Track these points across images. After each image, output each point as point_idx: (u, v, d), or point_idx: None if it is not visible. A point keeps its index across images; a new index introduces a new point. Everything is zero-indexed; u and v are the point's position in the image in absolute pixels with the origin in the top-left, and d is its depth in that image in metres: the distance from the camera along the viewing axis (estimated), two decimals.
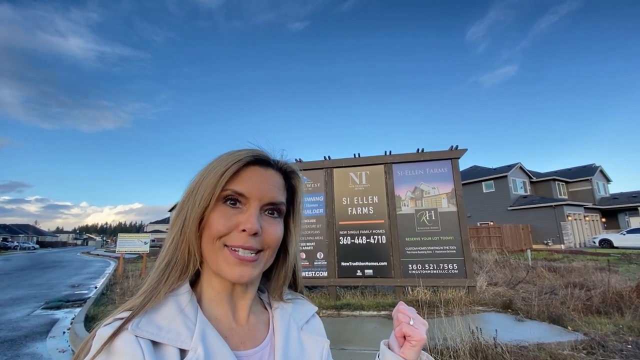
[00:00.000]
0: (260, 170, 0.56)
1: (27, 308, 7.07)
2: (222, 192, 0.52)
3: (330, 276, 6.66)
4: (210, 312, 0.54)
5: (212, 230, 0.51)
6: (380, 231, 6.67)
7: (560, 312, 4.58)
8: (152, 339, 0.45)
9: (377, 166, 6.99)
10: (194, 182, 0.56)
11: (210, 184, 0.52)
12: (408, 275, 6.31)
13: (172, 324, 0.47)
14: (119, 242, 12.52)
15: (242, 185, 0.53)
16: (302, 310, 0.64)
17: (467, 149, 6.62)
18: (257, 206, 0.53)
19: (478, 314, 4.99)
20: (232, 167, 0.53)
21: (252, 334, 0.56)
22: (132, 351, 0.42)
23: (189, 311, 0.50)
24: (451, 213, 6.41)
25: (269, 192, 0.55)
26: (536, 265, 9.53)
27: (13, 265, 19.18)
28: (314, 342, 0.60)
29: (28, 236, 64.99)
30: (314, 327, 0.64)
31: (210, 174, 0.53)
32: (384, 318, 5.15)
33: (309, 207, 7.22)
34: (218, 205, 0.53)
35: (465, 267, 6.11)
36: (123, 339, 0.43)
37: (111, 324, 0.45)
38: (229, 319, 0.55)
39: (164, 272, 0.52)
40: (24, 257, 29.28)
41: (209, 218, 0.52)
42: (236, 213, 0.53)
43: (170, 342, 0.45)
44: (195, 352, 0.45)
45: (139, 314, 0.46)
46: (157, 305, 0.49)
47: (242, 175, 0.54)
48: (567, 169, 33.39)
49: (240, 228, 0.51)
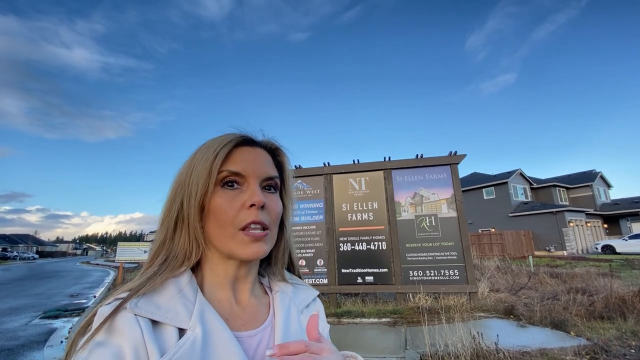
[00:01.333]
0: (249, 150, 0.57)
1: (25, 317, 7.02)
2: (218, 175, 0.52)
3: (330, 283, 6.61)
4: (211, 295, 0.54)
5: (221, 215, 0.51)
6: (380, 237, 6.64)
7: (563, 318, 4.53)
8: (151, 318, 0.45)
9: (377, 172, 7.00)
10: (183, 173, 0.55)
11: (204, 171, 0.52)
12: (409, 282, 6.26)
13: (170, 304, 0.47)
14: (118, 251, 12.46)
15: (237, 165, 0.54)
16: (303, 294, 0.65)
17: (466, 155, 6.64)
18: (257, 182, 0.54)
19: (479, 320, 4.94)
20: (223, 150, 0.53)
21: (253, 316, 0.56)
22: (132, 329, 0.43)
23: (188, 292, 0.50)
24: (451, 219, 6.40)
25: (263, 168, 0.56)
26: (538, 271, 9.46)
27: (12, 275, 19.06)
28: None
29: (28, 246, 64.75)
30: (315, 311, 0.64)
31: (201, 162, 0.53)
32: (385, 325, 5.09)
33: (309, 213, 7.21)
34: (217, 190, 0.53)
35: (467, 273, 6.07)
36: (122, 317, 0.44)
37: (111, 303, 0.46)
38: (230, 302, 0.55)
39: (161, 266, 0.52)
40: (23, 267, 29.13)
41: (212, 204, 0.52)
42: (238, 193, 0.53)
43: (168, 321, 0.45)
44: (193, 331, 0.45)
45: (138, 293, 0.47)
46: (158, 286, 0.49)
47: (234, 156, 0.55)
48: (568, 175, 33.38)
49: (247, 204, 0.52)
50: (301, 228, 7.18)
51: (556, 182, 29.61)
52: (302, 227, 7.18)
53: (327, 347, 0.48)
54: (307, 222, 7.19)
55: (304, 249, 7.03)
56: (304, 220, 7.23)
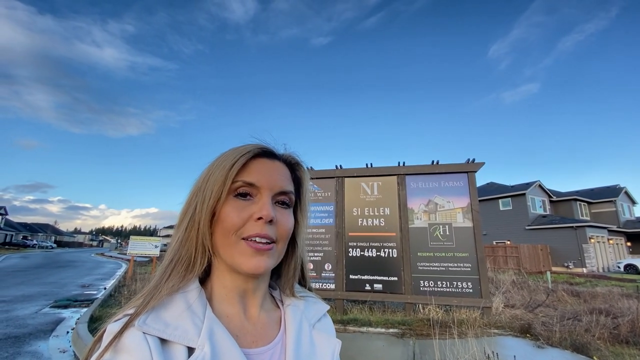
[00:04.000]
0: (267, 162, 0.56)
1: (35, 305, 7.14)
2: (232, 184, 0.52)
3: (337, 289, 6.46)
4: (221, 310, 0.52)
5: (227, 223, 0.51)
6: (391, 244, 6.45)
7: (585, 340, 4.24)
8: (159, 336, 0.44)
9: (390, 177, 6.82)
10: (201, 179, 0.55)
11: (220, 178, 0.51)
12: (419, 292, 6.04)
13: (179, 321, 0.46)
14: (130, 244, 12.63)
15: (252, 176, 0.53)
16: (314, 308, 0.63)
17: (484, 163, 6.39)
18: (269, 195, 0.53)
19: (494, 337, 4.68)
20: (241, 160, 0.53)
21: (263, 332, 0.55)
22: (140, 348, 0.41)
23: (197, 308, 0.49)
24: (466, 229, 6.15)
25: (278, 182, 0.55)
26: (557, 288, 9.02)
27: (29, 263, 19.67)
28: (326, 342, 0.58)
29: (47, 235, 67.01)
30: (326, 327, 0.63)
31: (218, 169, 0.53)
32: (392, 336, 4.90)
33: (319, 216, 7.09)
34: (229, 199, 0.52)
35: (481, 287, 5.81)
36: (131, 335, 0.42)
37: (120, 320, 0.45)
38: (240, 317, 0.54)
39: (165, 270, 0.51)
40: (40, 255, 30.09)
41: (222, 212, 0.51)
42: (249, 204, 0.52)
43: (177, 340, 0.44)
44: (202, 350, 0.44)
45: (143, 311, 0.45)
46: (167, 301, 0.48)
47: (251, 167, 0.54)
48: (590, 190, 32.12)
49: (255, 217, 0.51)
50: (310, 231, 7.05)
51: (577, 196, 28.52)
52: (311, 230, 7.06)
53: None
54: (316, 224, 7.06)
55: (312, 252, 6.90)
56: (313, 223, 7.11)
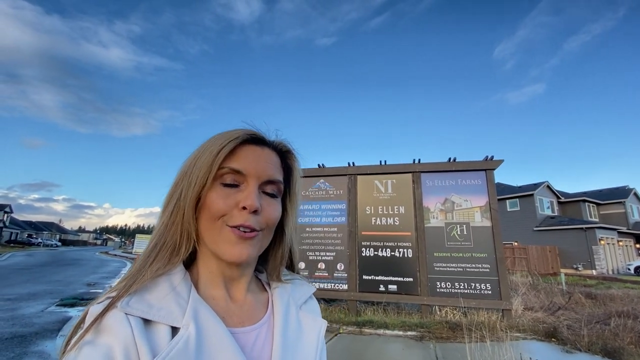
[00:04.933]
0: (256, 149, 0.54)
1: (42, 304, 7.02)
2: (218, 170, 0.50)
3: (350, 289, 6.27)
4: (207, 293, 0.52)
5: (212, 209, 0.50)
6: (406, 244, 6.25)
7: (617, 345, 4.02)
8: (143, 317, 0.43)
9: (405, 175, 6.62)
10: (187, 163, 0.54)
11: (206, 163, 0.50)
12: (436, 294, 5.84)
13: (163, 302, 0.45)
14: (136, 243, 12.56)
15: (239, 162, 0.51)
16: (301, 290, 0.63)
17: (503, 160, 6.18)
18: (256, 184, 0.52)
19: (518, 342, 4.48)
20: (228, 145, 0.51)
21: (250, 313, 0.55)
22: (121, 328, 0.41)
23: (182, 289, 0.48)
24: (485, 228, 5.94)
25: (266, 170, 0.53)
26: (573, 290, 8.78)
27: (35, 261, 19.66)
28: (312, 322, 0.58)
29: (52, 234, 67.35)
30: (312, 308, 0.63)
31: (205, 153, 0.51)
32: (411, 339, 4.71)
33: (330, 214, 6.91)
34: (215, 185, 0.51)
35: (500, 288, 5.60)
36: (112, 316, 0.42)
37: (102, 302, 0.44)
38: (226, 299, 0.53)
39: (150, 254, 0.50)
40: (45, 253, 30.14)
41: (207, 198, 0.50)
42: (235, 192, 0.51)
43: (161, 320, 0.44)
44: (186, 330, 0.44)
45: (128, 292, 0.44)
46: (150, 284, 0.47)
47: (239, 153, 0.52)
48: (598, 191, 31.68)
49: (240, 205, 0.49)
50: (322, 229, 6.88)
51: (586, 197, 28.10)
52: (322, 229, 6.89)
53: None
54: (328, 223, 6.89)
55: (324, 251, 6.72)
56: (324, 221, 6.93)
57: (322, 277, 6.56)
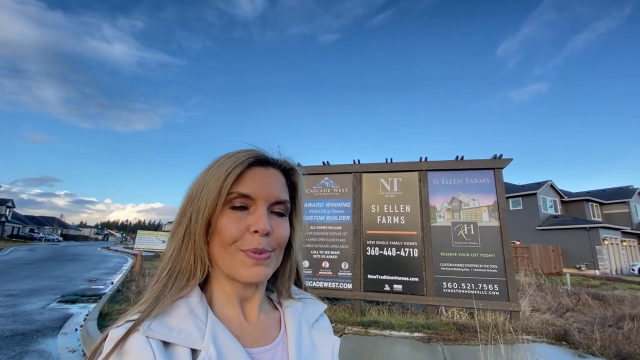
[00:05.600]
0: (262, 171, 0.55)
1: (43, 300, 6.96)
2: (227, 195, 0.51)
3: (355, 289, 6.18)
4: (221, 313, 0.52)
5: (225, 236, 0.50)
6: (411, 243, 6.15)
7: (631, 350, 3.92)
8: (164, 340, 0.43)
9: (411, 173, 6.51)
10: (194, 188, 0.54)
11: (214, 189, 0.50)
12: (442, 294, 5.74)
13: (182, 325, 0.46)
14: (137, 239, 12.44)
15: (247, 186, 0.52)
16: (312, 308, 0.63)
17: (512, 159, 6.05)
18: (265, 206, 0.52)
19: (527, 345, 4.38)
20: (235, 170, 0.51)
21: (264, 333, 0.55)
22: (143, 352, 0.41)
23: (199, 311, 0.48)
24: (493, 228, 5.83)
25: (274, 192, 0.54)
26: (579, 291, 8.68)
27: (36, 256, 19.66)
28: (325, 340, 0.58)
29: (53, 228, 67.53)
30: (324, 326, 0.63)
31: (212, 179, 0.51)
32: (418, 341, 4.62)
33: (335, 213, 6.81)
34: (225, 210, 0.51)
35: (508, 289, 5.50)
36: (134, 339, 0.42)
37: (122, 326, 0.44)
38: (240, 319, 0.54)
39: (167, 281, 0.50)
40: (47, 248, 30.19)
41: (218, 224, 0.51)
42: (245, 215, 0.51)
43: (181, 343, 0.44)
44: (207, 352, 0.44)
45: (150, 315, 0.45)
46: (169, 307, 0.47)
47: (245, 177, 0.53)
48: (602, 190, 31.49)
49: (252, 229, 0.50)
50: (326, 228, 6.79)
51: (589, 196, 27.92)
52: (327, 227, 6.79)
53: None
54: (332, 222, 6.79)
55: (328, 250, 6.63)
56: (329, 220, 6.83)
57: (326, 275, 6.47)
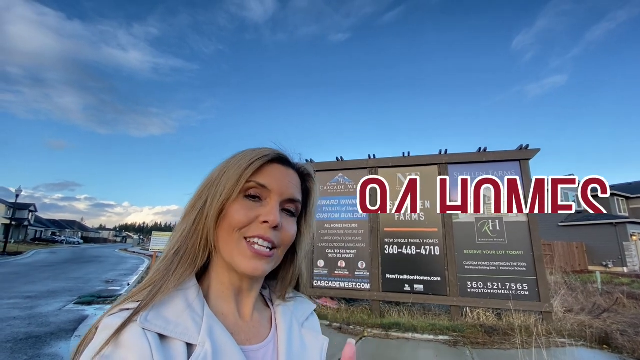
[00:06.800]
0: (282, 168, 0.56)
1: (60, 302, 6.97)
2: (245, 183, 0.51)
3: (373, 289, 5.92)
4: (216, 308, 0.52)
5: (233, 220, 0.50)
6: (432, 241, 5.85)
7: None
8: (160, 333, 0.43)
9: (430, 167, 6.20)
10: (214, 174, 0.54)
11: (234, 176, 0.51)
12: (466, 294, 5.42)
13: (180, 319, 0.45)
14: (152, 240, 12.48)
15: (265, 178, 0.53)
16: (303, 307, 0.63)
17: (539, 149, 5.68)
18: (278, 200, 0.53)
19: (565, 349, 4.04)
20: (257, 162, 0.52)
21: (256, 331, 0.55)
22: (140, 344, 0.40)
23: (197, 306, 0.48)
24: (520, 223, 5.48)
25: (289, 189, 0.54)
26: (613, 290, 8.15)
27: (57, 258, 20.14)
28: (315, 340, 0.59)
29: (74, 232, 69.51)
30: (313, 325, 0.63)
31: (234, 167, 0.52)
32: (443, 344, 4.33)
33: (350, 210, 6.56)
34: (239, 198, 0.52)
35: (539, 289, 5.14)
36: (131, 331, 0.41)
37: (117, 314, 0.43)
38: (234, 316, 0.54)
39: (173, 260, 0.50)
40: (68, 250, 30.99)
41: (230, 209, 0.51)
42: (257, 206, 0.52)
43: (178, 337, 0.43)
44: (203, 347, 0.44)
45: (148, 306, 0.44)
46: (166, 298, 0.46)
47: (265, 170, 0.53)
48: (627, 184, 30.07)
49: (261, 219, 0.50)
50: (341, 226, 6.55)
51: (614, 190, 26.66)
52: (342, 225, 6.56)
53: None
54: (347, 219, 6.55)
55: (344, 249, 6.40)
56: (344, 217, 6.60)
57: (343, 275, 6.24)
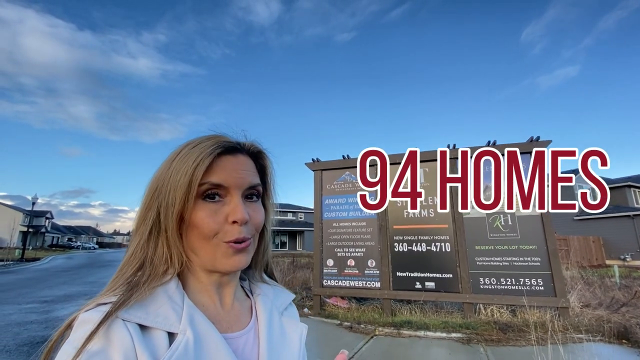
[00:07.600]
0: (231, 159, 0.52)
1: (75, 306, 7.11)
2: (199, 187, 0.48)
3: (384, 287, 5.87)
4: (196, 300, 0.51)
5: (204, 229, 0.48)
6: (443, 237, 5.76)
7: None
8: (140, 323, 0.42)
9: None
10: (157, 182, 0.51)
11: (184, 182, 0.47)
12: (479, 291, 5.33)
13: (160, 309, 0.45)
14: None
15: (219, 175, 0.50)
16: (282, 297, 0.64)
17: (551, 141, 5.54)
18: (239, 194, 0.51)
19: (582, 344, 3.92)
20: (204, 162, 0.48)
21: (237, 319, 0.55)
22: (121, 335, 0.40)
23: (176, 297, 0.48)
24: (533, 217, 5.35)
25: (245, 178, 0.52)
26: (632, 284, 7.92)
27: (73, 263, 20.60)
28: (294, 326, 0.60)
29: (89, 237, 71.05)
30: (292, 314, 0.65)
31: (180, 171, 0.48)
32: (456, 342, 4.26)
33: (358, 208, 6.50)
34: (198, 202, 0.49)
35: (554, 284, 5.01)
36: (110, 324, 0.40)
37: (94, 309, 0.41)
38: (215, 306, 0.53)
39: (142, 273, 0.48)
40: (84, 256, 31.69)
41: (193, 217, 0.49)
42: (220, 206, 0.50)
43: (158, 326, 0.43)
44: (184, 335, 0.44)
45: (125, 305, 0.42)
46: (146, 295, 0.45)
47: (215, 167, 0.50)
48: None
49: (230, 220, 0.49)
50: (349, 224, 6.51)
51: (631, 182, 25.88)
52: (350, 224, 6.52)
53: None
54: (356, 217, 6.51)
55: (353, 247, 6.36)
56: (352, 215, 6.56)
57: (353, 274, 6.20)
